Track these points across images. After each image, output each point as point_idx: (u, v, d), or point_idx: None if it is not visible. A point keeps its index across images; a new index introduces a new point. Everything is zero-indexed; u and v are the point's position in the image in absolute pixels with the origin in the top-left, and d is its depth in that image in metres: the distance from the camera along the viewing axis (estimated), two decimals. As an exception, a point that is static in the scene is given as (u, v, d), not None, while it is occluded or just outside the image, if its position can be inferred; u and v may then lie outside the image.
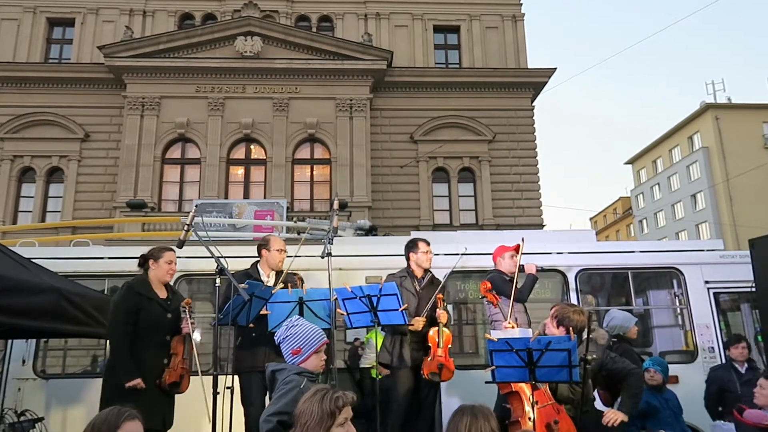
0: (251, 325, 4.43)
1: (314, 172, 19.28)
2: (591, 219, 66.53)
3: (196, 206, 4.75)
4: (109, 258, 6.38)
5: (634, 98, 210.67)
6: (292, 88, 19.10)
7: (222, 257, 4.06)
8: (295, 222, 8.27)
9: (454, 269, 5.99)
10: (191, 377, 4.48)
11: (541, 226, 19.25)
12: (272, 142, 18.76)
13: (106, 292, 5.83)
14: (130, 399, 3.94)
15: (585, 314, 4.18)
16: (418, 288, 5.17)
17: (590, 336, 4.57)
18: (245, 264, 5.18)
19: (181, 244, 4.38)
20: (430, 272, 5.33)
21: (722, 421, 3.99)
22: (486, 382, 3.90)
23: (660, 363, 5.21)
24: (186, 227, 4.13)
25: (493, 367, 3.75)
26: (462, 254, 5.49)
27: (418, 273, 5.25)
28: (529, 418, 3.76)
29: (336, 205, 4.63)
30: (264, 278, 4.92)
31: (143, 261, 4.72)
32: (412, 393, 4.94)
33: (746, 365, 5.48)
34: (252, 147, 19.24)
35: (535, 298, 6.34)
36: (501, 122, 20.00)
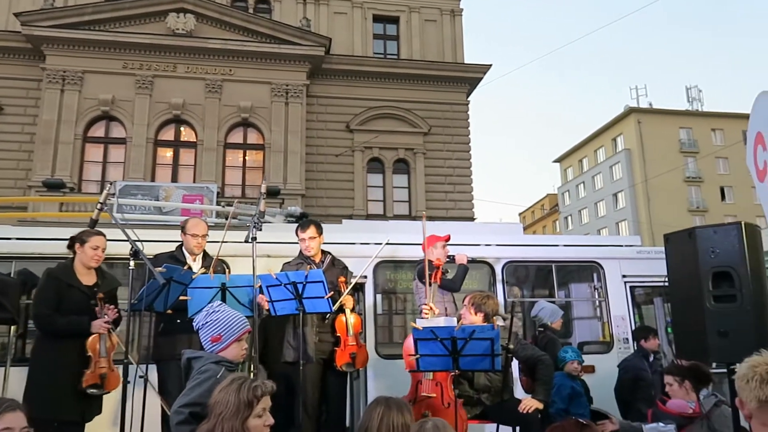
0: (169, 311, 4.23)
1: (247, 158, 18.82)
2: (520, 214, 68.61)
3: (110, 184, 4.47)
4: (18, 239, 5.95)
5: (568, 97, 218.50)
6: (225, 69, 18.52)
7: (139, 240, 3.85)
8: (223, 207, 7.98)
9: (382, 259, 5.96)
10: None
11: (472, 219, 19.66)
12: (203, 124, 18.15)
13: (12, 274, 5.43)
14: (50, 392, 3.72)
15: (495, 299, 4.37)
16: (323, 273, 4.93)
17: (510, 325, 4.70)
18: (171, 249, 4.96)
19: (93, 224, 4.12)
20: (330, 254, 5.10)
21: (661, 424, 4.14)
22: (410, 371, 3.91)
23: (578, 353, 5.44)
24: (99, 206, 3.88)
25: (417, 355, 3.76)
26: (385, 244, 5.42)
27: (317, 257, 4.99)
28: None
29: (263, 189, 4.48)
30: (190, 262, 4.73)
31: (71, 244, 4.41)
32: (322, 385, 4.82)
33: (653, 356, 5.80)
34: (182, 129, 18.55)
35: (463, 289, 6.42)
36: (436, 115, 20.20)
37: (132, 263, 3.83)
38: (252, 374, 3.87)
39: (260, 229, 5.78)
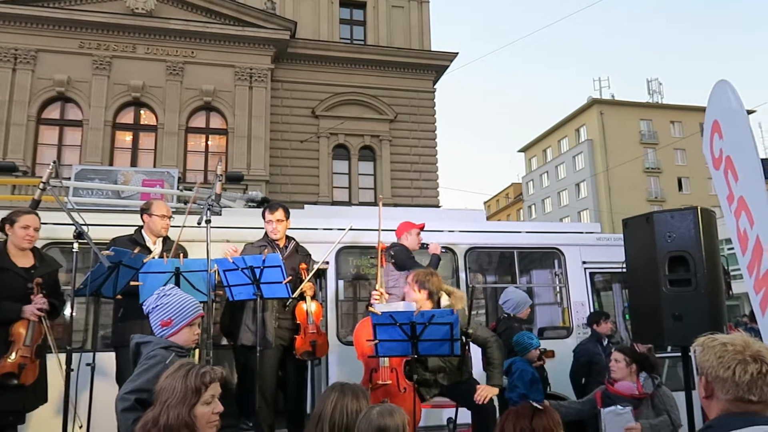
0: (119, 297, 4.06)
1: (209, 143, 18.43)
2: (485, 203, 69.34)
3: (53, 163, 4.24)
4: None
5: (534, 87, 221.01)
6: (187, 51, 18.03)
7: (86, 225, 3.66)
8: (182, 191, 7.77)
9: (345, 245, 5.89)
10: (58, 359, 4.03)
11: (437, 207, 19.69)
12: (164, 107, 17.66)
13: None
14: None
15: (438, 276, 4.39)
16: (280, 257, 4.86)
17: (468, 309, 4.70)
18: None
19: (35, 205, 3.91)
20: (294, 240, 5.02)
21: (619, 406, 4.21)
22: (369, 357, 3.85)
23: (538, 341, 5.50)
24: (41, 185, 3.68)
25: (376, 341, 3.70)
26: (349, 229, 5.33)
27: (281, 242, 4.89)
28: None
29: (219, 171, 4.33)
30: (150, 245, 4.57)
31: (1, 226, 4.18)
32: (281, 371, 4.74)
33: (607, 340, 5.91)
34: (142, 112, 18.03)
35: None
36: (403, 102, 20.13)
37: (76, 245, 3.65)
38: (205, 360, 3.76)
39: (219, 213, 5.65)
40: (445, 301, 4.38)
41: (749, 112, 7.10)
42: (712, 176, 4.42)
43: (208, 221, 3.90)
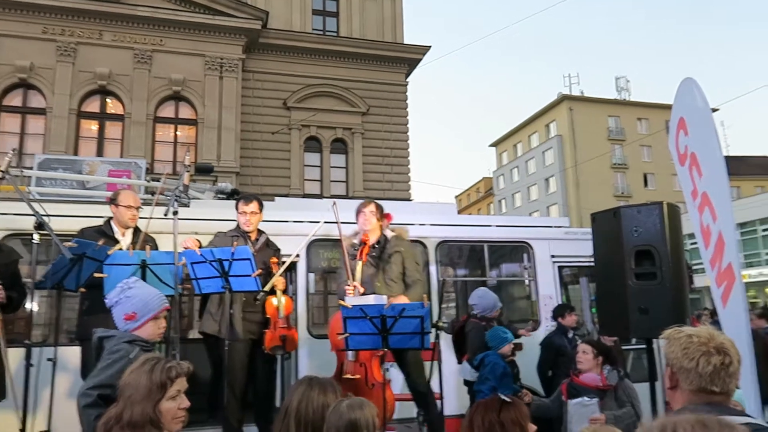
0: (82, 290, 3.95)
1: (178, 133, 18.09)
2: (456, 197, 69.75)
3: (12, 151, 4.10)
4: None
5: (506, 82, 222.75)
6: (156, 39, 17.64)
7: (47, 215, 3.55)
8: (149, 182, 7.61)
9: (316, 237, 5.84)
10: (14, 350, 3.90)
11: (409, 200, 19.73)
12: (131, 96, 17.26)
13: None
14: None
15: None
16: (252, 250, 4.69)
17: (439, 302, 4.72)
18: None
19: (-8, 194, 3.77)
20: (265, 234, 4.98)
21: (585, 398, 4.28)
22: (339, 350, 3.83)
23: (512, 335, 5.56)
24: (0, 174, 3.55)
25: (347, 334, 3.69)
26: (323, 222, 5.29)
27: (253, 234, 4.85)
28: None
29: (187, 161, 4.24)
30: (118, 236, 4.46)
31: None
32: (250, 365, 4.70)
33: (572, 332, 6.01)
34: (108, 100, 17.60)
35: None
36: (375, 95, 20.07)
37: (36, 236, 3.53)
38: (171, 355, 3.69)
39: (187, 205, 5.54)
40: (389, 233, 4.71)
41: (713, 110, 7.25)
42: (678, 172, 4.51)
43: (175, 212, 3.82)
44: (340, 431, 2.33)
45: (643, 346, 4.63)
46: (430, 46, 20.64)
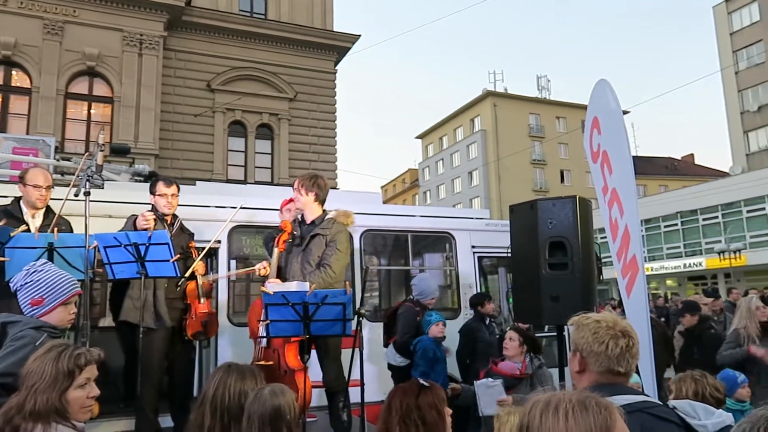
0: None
1: (92, 111, 17.10)
2: (382, 187, 70.21)
3: None
4: None
5: (434, 75, 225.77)
6: (68, 10, 16.55)
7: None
8: (59, 161, 7.17)
9: (238, 223, 5.73)
10: None
11: (335, 189, 19.66)
12: (40, 69, 16.13)
13: None
14: None
15: (324, 179, 4.67)
16: (168, 235, 4.65)
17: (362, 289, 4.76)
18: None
19: None
20: (179, 218, 4.84)
21: (489, 379, 4.44)
22: (258, 337, 3.78)
23: (441, 316, 5.68)
24: None
25: (268, 321, 3.65)
26: (240, 207, 5.17)
27: (167, 218, 4.68)
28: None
29: (101, 140, 4.03)
30: (27, 218, 4.18)
31: None
32: (169, 353, 4.56)
33: (489, 320, 6.24)
34: (13, 72, 16.36)
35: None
36: (303, 81, 19.79)
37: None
38: (81, 343, 3.52)
39: (101, 187, 5.28)
40: (332, 213, 4.50)
41: (624, 112, 7.70)
42: (591, 168, 4.75)
43: (87, 193, 3.62)
44: (264, 419, 2.31)
45: (554, 334, 4.87)
46: (359, 35, 20.58)
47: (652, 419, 1.84)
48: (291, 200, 5.11)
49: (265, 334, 3.93)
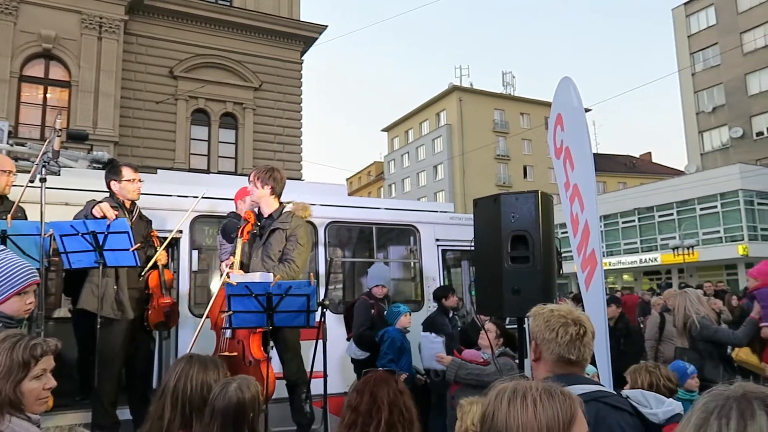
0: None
1: (48, 95, 16.52)
2: (347, 179, 70.03)
3: None
4: None
5: (400, 68, 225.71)
6: (24, -11, 15.93)
7: None
8: (12, 146, 6.92)
9: (201, 213, 5.65)
10: None
11: (300, 180, 19.50)
12: (-7, 50, 15.51)
13: None
14: None
15: (281, 172, 4.64)
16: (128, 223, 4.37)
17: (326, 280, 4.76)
18: None
19: None
20: (137, 206, 4.73)
21: (433, 334, 4.59)
22: (222, 329, 3.75)
23: (408, 308, 5.76)
24: None
25: (230, 312, 3.61)
26: (201, 197, 5.08)
27: (126, 204, 4.56)
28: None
29: (58, 125, 3.91)
30: None
31: None
32: (129, 345, 4.48)
33: (452, 312, 6.35)
34: (-38, 53, 15.68)
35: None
36: (269, 71, 19.54)
37: None
38: (36, 333, 3.43)
39: (57, 174, 5.13)
40: (290, 206, 4.46)
41: (587, 110, 7.87)
42: (554, 164, 4.85)
43: (43, 180, 3.51)
44: (227, 413, 2.29)
45: (515, 326, 4.96)
46: (326, 26, 20.42)
47: (606, 408, 1.90)
48: (245, 189, 5.03)
49: (228, 325, 3.89)
